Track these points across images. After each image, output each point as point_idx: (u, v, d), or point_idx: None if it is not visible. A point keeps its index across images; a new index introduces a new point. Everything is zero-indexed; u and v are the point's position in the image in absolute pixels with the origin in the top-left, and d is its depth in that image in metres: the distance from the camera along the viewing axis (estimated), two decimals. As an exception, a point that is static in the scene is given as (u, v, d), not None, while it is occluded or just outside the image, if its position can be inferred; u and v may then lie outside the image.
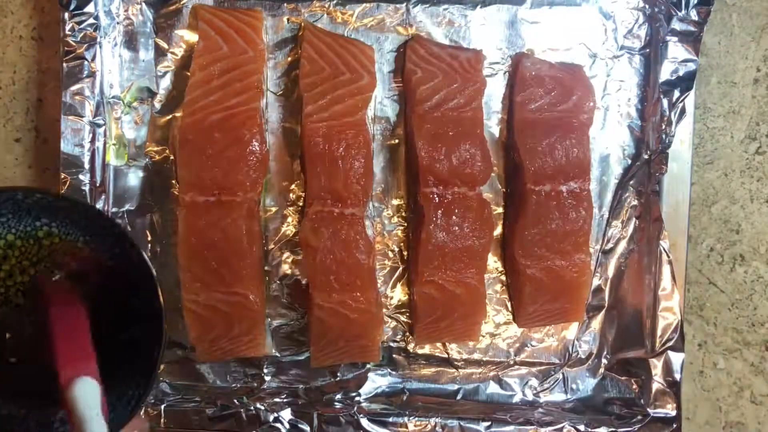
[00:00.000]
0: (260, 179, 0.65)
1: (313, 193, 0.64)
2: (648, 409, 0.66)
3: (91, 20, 0.64)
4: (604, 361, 0.70)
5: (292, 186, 0.68)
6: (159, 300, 0.41)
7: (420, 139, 0.65)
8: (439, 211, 0.65)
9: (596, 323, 0.70)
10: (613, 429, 0.65)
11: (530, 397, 0.69)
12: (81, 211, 0.41)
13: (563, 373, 0.70)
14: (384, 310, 0.69)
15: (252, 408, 0.66)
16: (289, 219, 0.68)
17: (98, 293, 0.44)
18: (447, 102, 0.66)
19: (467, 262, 0.66)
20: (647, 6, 0.68)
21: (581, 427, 0.65)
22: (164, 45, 0.68)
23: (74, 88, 0.64)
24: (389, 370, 0.69)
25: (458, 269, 0.66)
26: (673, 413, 0.65)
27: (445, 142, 0.65)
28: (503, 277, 0.70)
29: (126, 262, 0.42)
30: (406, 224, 0.69)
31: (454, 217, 0.65)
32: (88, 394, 0.37)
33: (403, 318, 0.69)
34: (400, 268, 0.69)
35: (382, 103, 0.68)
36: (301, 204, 0.68)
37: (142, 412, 0.63)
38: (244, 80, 0.64)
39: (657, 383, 0.66)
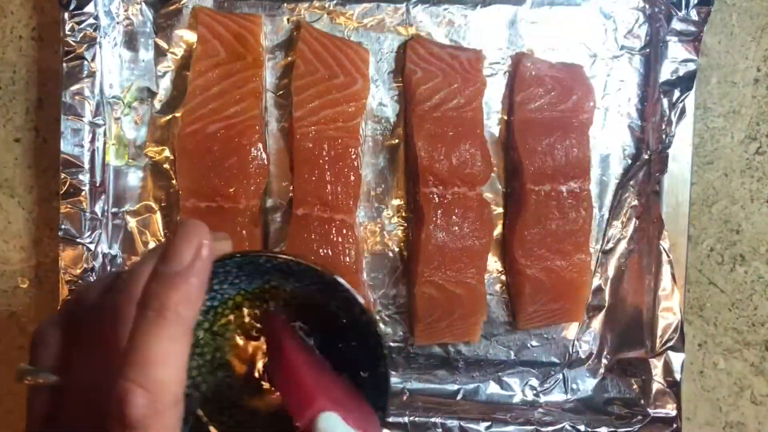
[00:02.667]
0: (261, 186, 0.65)
1: (300, 196, 0.65)
2: (648, 409, 0.66)
3: (91, 20, 0.64)
4: (604, 361, 0.70)
5: (292, 186, 0.68)
6: (386, 366, 0.39)
7: (420, 139, 0.65)
8: (439, 211, 0.65)
9: (596, 323, 0.70)
10: (614, 429, 0.65)
11: (530, 397, 0.69)
12: (314, 275, 0.39)
13: (563, 373, 0.70)
14: (384, 310, 0.69)
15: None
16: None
17: (321, 352, 0.43)
18: (447, 102, 0.66)
19: (467, 262, 0.66)
20: (647, 6, 0.68)
21: (581, 427, 0.65)
22: (164, 45, 0.68)
23: (74, 88, 0.64)
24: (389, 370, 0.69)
25: (458, 269, 0.66)
26: (674, 413, 0.65)
27: (445, 142, 0.65)
28: (503, 277, 0.70)
29: (353, 327, 0.41)
30: (405, 224, 0.69)
31: (453, 217, 0.65)
32: (331, 427, 0.35)
33: (403, 318, 0.69)
34: (400, 268, 0.69)
35: (382, 102, 0.68)
36: (301, 204, 0.68)
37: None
38: (243, 87, 0.65)
39: (657, 383, 0.66)
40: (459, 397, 0.69)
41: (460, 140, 0.65)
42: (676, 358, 0.65)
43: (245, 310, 0.42)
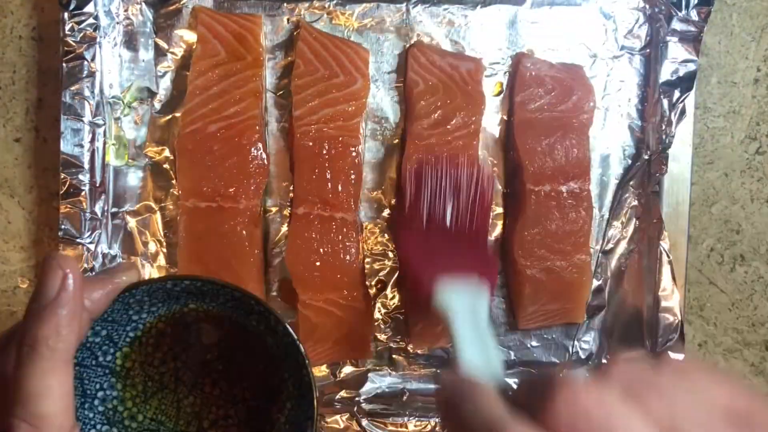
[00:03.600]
0: (261, 186, 0.65)
1: (301, 195, 0.65)
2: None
3: (91, 20, 0.64)
4: (604, 361, 0.70)
5: (292, 186, 0.68)
6: (308, 374, 0.40)
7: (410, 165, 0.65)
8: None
9: (596, 323, 0.70)
10: (613, 429, 0.65)
11: (530, 397, 0.69)
12: (227, 293, 0.41)
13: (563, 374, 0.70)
14: (384, 309, 0.69)
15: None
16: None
17: (247, 369, 0.44)
18: (445, 123, 0.65)
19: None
20: (647, 6, 0.68)
21: (581, 428, 0.65)
22: (164, 45, 0.68)
23: (74, 88, 0.64)
24: (389, 370, 0.69)
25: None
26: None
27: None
28: (503, 278, 0.70)
29: (272, 339, 0.42)
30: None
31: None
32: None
33: (402, 319, 0.69)
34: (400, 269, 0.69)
35: (382, 103, 0.68)
36: (301, 204, 0.68)
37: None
38: (242, 87, 0.64)
39: (657, 383, 0.66)
40: (459, 397, 0.69)
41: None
42: (677, 359, 0.65)
43: (169, 336, 0.43)
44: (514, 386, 0.32)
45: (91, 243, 0.64)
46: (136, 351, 0.42)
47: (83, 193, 0.64)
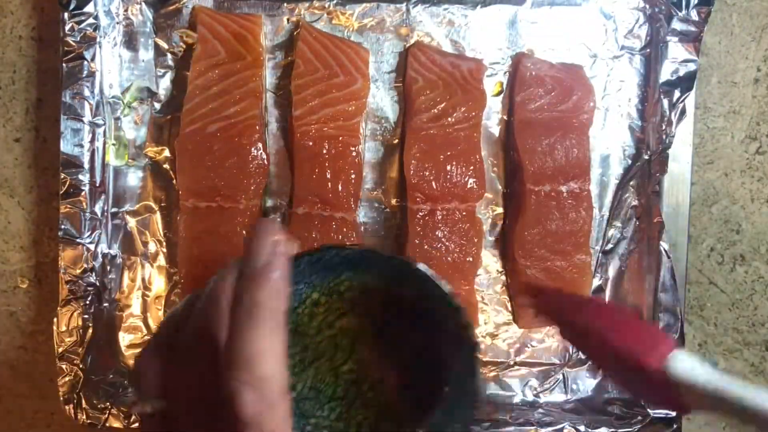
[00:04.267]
0: (261, 186, 0.65)
1: (301, 195, 0.65)
2: (648, 410, 0.66)
3: (91, 20, 0.64)
4: (604, 361, 0.70)
5: (292, 186, 0.68)
6: (469, 334, 0.39)
7: (410, 158, 0.65)
8: (425, 227, 0.65)
9: (596, 323, 0.70)
10: (614, 429, 0.65)
11: (530, 397, 0.69)
12: (383, 264, 0.40)
13: (563, 374, 0.70)
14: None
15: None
16: (289, 219, 0.68)
17: (403, 337, 0.43)
18: (445, 117, 0.65)
19: (456, 277, 0.66)
20: (647, 6, 0.68)
21: (581, 428, 0.65)
22: (164, 45, 0.68)
23: (74, 88, 0.64)
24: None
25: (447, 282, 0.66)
26: (674, 413, 0.65)
27: (437, 162, 0.65)
28: (503, 278, 0.70)
29: (431, 303, 0.40)
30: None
31: (438, 233, 0.65)
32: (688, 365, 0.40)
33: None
34: (400, 269, 0.69)
35: (382, 102, 0.68)
36: (301, 204, 0.68)
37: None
38: (242, 87, 0.64)
39: (657, 383, 0.66)
40: (459, 397, 0.69)
41: (453, 161, 0.65)
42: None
43: (322, 306, 0.42)
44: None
45: (91, 243, 0.64)
46: (293, 322, 0.41)
47: (83, 193, 0.64)
